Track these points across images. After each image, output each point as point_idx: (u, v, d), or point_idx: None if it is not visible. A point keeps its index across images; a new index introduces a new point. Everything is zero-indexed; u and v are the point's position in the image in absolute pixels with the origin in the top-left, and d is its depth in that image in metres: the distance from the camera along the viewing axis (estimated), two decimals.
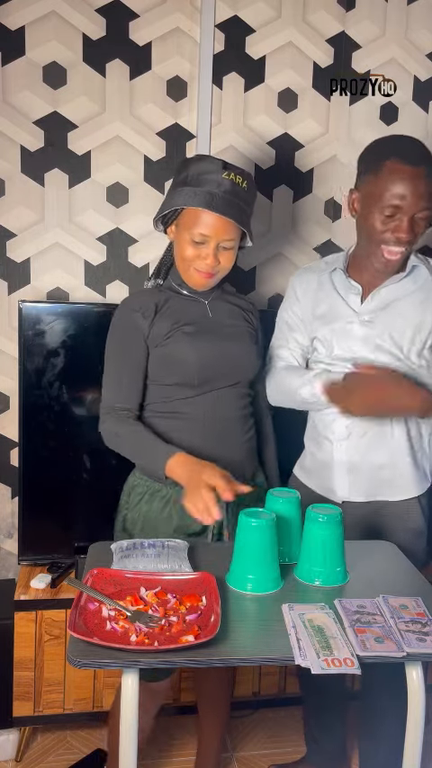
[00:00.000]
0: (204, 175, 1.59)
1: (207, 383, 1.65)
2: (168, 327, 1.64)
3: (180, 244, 1.64)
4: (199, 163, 1.63)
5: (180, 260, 1.66)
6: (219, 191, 1.58)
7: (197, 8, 2.15)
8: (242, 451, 1.71)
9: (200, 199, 1.57)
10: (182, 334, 1.64)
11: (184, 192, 1.60)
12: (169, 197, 1.65)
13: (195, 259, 1.62)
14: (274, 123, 2.27)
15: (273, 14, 2.21)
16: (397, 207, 1.56)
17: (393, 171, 1.55)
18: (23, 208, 2.14)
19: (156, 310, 1.65)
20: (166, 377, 1.65)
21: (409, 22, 2.31)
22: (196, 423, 1.66)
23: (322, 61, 2.27)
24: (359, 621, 1.24)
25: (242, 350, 1.71)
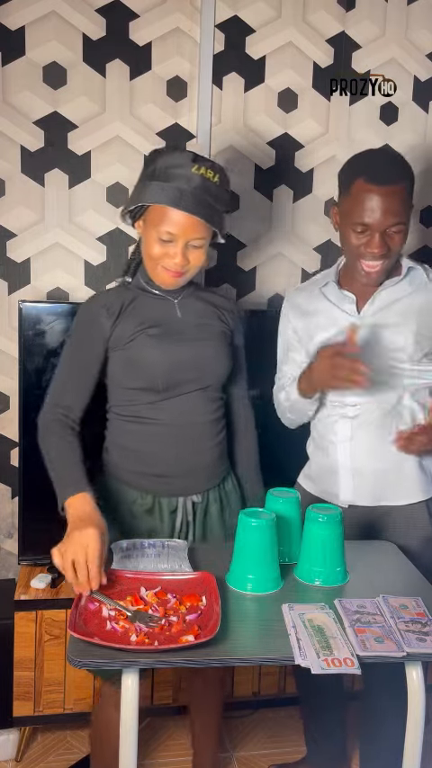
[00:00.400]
0: (173, 169, 1.51)
1: (173, 388, 1.58)
2: (132, 329, 1.57)
3: (147, 241, 1.56)
4: (168, 155, 1.55)
5: (147, 258, 1.58)
6: (188, 187, 1.50)
7: (197, 8, 2.15)
8: (211, 456, 1.65)
9: (168, 195, 1.50)
10: (146, 336, 1.57)
11: (152, 187, 1.52)
12: (137, 191, 1.57)
13: (163, 257, 1.55)
14: (274, 123, 2.27)
15: (273, 14, 2.21)
16: (366, 224, 1.59)
17: (361, 190, 1.59)
18: (23, 208, 2.14)
19: (120, 310, 1.59)
20: (129, 381, 1.59)
21: (409, 22, 2.31)
22: (162, 428, 1.59)
23: (322, 61, 2.27)
24: (359, 621, 1.24)
25: (212, 352, 1.64)
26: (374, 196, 1.57)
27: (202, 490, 1.65)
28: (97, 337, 1.58)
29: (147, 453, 1.60)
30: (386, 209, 1.58)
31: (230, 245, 2.30)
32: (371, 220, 1.59)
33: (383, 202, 1.57)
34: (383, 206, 1.57)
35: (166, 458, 1.60)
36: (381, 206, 1.57)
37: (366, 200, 1.58)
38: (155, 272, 1.59)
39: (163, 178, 1.51)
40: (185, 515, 1.63)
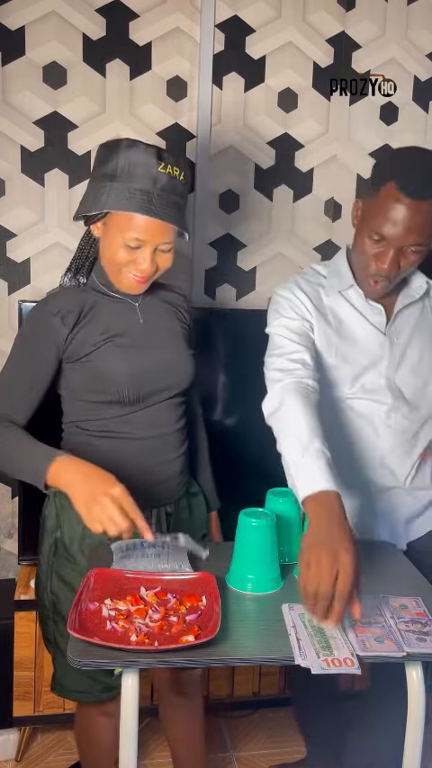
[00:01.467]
0: (137, 169, 1.38)
1: (142, 399, 1.49)
2: (95, 338, 1.44)
3: (110, 246, 1.43)
4: (129, 152, 1.39)
5: (110, 263, 1.46)
6: (155, 189, 1.38)
7: (197, 8, 2.15)
8: (178, 466, 1.59)
9: (136, 202, 1.37)
10: (113, 347, 1.46)
11: (114, 189, 1.38)
12: (95, 191, 1.42)
13: (129, 264, 1.43)
14: (274, 123, 2.27)
15: (273, 14, 2.21)
16: (384, 236, 1.43)
17: (390, 197, 1.40)
18: (23, 208, 2.14)
19: (79, 317, 1.46)
20: (93, 394, 1.48)
21: (409, 22, 2.31)
22: (133, 441, 1.51)
23: (322, 61, 2.27)
24: (359, 622, 1.23)
25: (179, 358, 1.56)
26: (402, 208, 1.38)
27: (173, 500, 1.60)
28: (50, 347, 1.45)
29: (118, 468, 1.43)
30: (411, 226, 1.39)
31: (230, 245, 2.31)
32: (390, 234, 1.41)
33: (409, 218, 1.39)
34: (409, 222, 1.39)
35: (138, 471, 1.51)
36: (406, 221, 1.39)
37: (392, 209, 1.39)
38: (118, 277, 1.47)
39: (126, 179, 1.38)
40: (159, 527, 1.58)
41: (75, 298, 1.49)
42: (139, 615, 1.22)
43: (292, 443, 1.36)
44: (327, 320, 1.57)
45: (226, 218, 2.29)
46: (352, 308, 1.58)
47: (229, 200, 2.28)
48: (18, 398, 1.46)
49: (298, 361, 1.49)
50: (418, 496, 1.64)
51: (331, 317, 1.58)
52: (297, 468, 1.32)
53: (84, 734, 1.67)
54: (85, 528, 1.45)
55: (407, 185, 1.37)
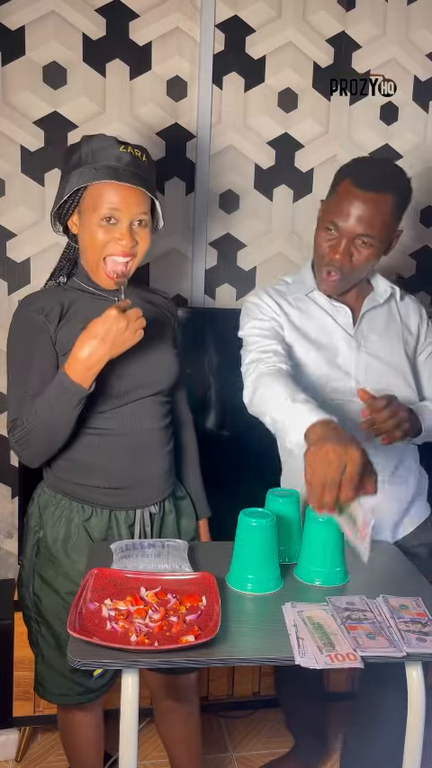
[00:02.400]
0: (100, 152, 1.45)
1: (126, 395, 1.50)
2: (76, 334, 1.42)
3: (88, 231, 1.45)
4: (90, 141, 1.48)
5: (91, 250, 1.47)
6: (120, 164, 1.44)
7: (197, 8, 2.15)
8: (165, 463, 1.59)
9: (103, 173, 1.42)
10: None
11: (80, 172, 1.44)
12: (62, 185, 1.49)
13: (108, 244, 1.44)
14: (274, 123, 2.27)
15: (273, 14, 2.21)
16: (336, 225, 1.52)
17: (344, 191, 1.53)
18: (23, 208, 2.14)
19: (61, 313, 1.47)
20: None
21: (409, 22, 2.31)
22: (115, 438, 1.51)
23: (322, 61, 2.27)
24: (350, 618, 1.24)
25: (163, 355, 1.57)
26: (353, 199, 1.50)
27: (158, 500, 1.59)
28: (46, 342, 1.46)
29: (101, 465, 1.51)
30: (361, 215, 1.50)
31: (230, 245, 2.31)
32: (342, 223, 1.51)
33: (360, 208, 1.50)
34: (359, 212, 1.50)
35: (121, 469, 1.52)
36: (356, 211, 1.50)
37: (345, 200, 1.51)
38: (99, 266, 1.48)
39: (91, 161, 1.44)
40: (143, 528, 1.57)
41: (54, 296, 1.51)
42: (139, 615, 1.22)
43: (275, 403, 1.40)
44: (294, 324, 1.63)
45: (226, 218, 2.29)
46: (318, 308, 1.65)
47: (229, 200, 2.28)
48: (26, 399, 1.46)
49: (269, 351, 1.54)
50: (401, 493, 1.68)
51: (298, 320, 1.64)
52: (288, 414, 1.35)
53: (67, 735, 1.68)
54: (69, 528, 1.50)
55: (359, 180, 1.51)
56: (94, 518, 1.53)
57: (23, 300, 1.53)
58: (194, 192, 2.22)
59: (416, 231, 2.45)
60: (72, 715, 1.63)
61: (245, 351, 1.62)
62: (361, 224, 1.50)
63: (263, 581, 1.35)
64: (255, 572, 1.34)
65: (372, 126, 2.33)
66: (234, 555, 1.37)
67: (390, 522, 1.68)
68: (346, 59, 2.28)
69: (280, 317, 1.64)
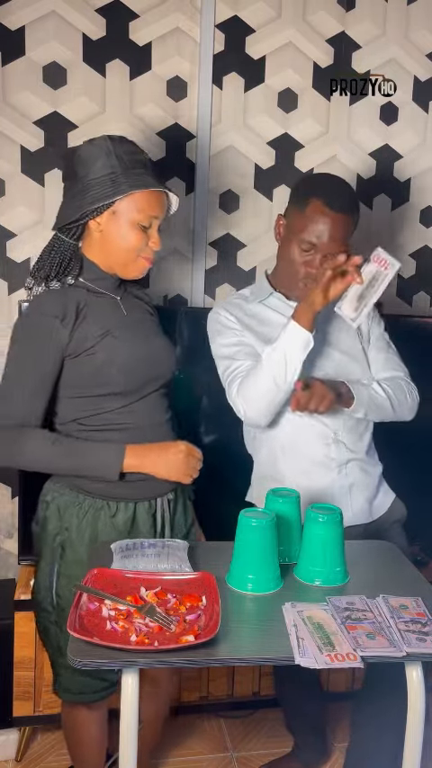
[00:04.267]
0: (130, 156, 1.52)
1: (139, 389, 1.55)
2: (96, 334, 1.49)
3: (121, 233, 1.51)
4: (118, 144, 1.52)
5: (124, 251, 1.53)
6: (148, 170, 1.54)
7: (197, 8, 2.15)
8: None
9: (149, 181, 1.51)
10: (112, 339, 1.51)
11: (122, 176, 1.49)
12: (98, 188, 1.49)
13: (143, 246, 1.53)
14: (274, 123, 2.27)
15: (273, 14, 2.21)
16: (313, 244, 1.66)
17: (317, 211, 1.64)
18: (23, 208, 2.14)
19: (76, 316, 1.50)
20: (95, 387, 1.51)
21: (409, 22, 2.31)
22: (132, 432, 1.54)
23: (322, 61, 2.27)
24: (350, 618, 1.24)
25: (164, 347, 1.64)
26: (328, 220, 1.64)
27: (173, 486, 1.63)
28: (55, 348, 1.48)
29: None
30: (335, 235, 1.65)
31: (230, 245, 2.31)
32: (319, 242, 1.65)
33: (334, 228, 1.64)
34: (333, 232, 1.64)
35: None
36: (331, 231, 1.64)
37: (320, 221, 1.64)
38: (134, 264, 1.55)
39: (134, 166, 1.51)
40: (163, 514, 1.62)
41: (66, 298, 1.51)
42: (139, 615, 1.22)
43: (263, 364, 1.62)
44: (253, 329, 1.75)
45: (226, 218, 2.29)
46: (273, 312, 1.77)
47: (229, 200, 2.28)
48: (30, 403, 1.49)
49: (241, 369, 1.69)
50: (374, 473, 1.82)
51: (257, 327, 1.75)
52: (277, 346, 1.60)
53: (72, 733, 1.67)
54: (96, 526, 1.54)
55: (330, 202, 1.64)
56: (120, 513, 1.56)
57: (34, 303, 1.52)
58: (194, 192, 2.23)
59: (416, 231, 2.46)
60: (78, 712, 1.63)
61: (220, 371, 1.74)
62: (336, 242, 1.65)
63: (263, 581, 1.35)
64: (255, 572, 1.34)
65: (372, 126, 2.34)
66: (234, 555, 1.37)
67: (368, 500, 1.79)
68: (346, 59, 2.29)
69: (240, 329, 1.76)
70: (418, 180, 2.43)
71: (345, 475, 1.75)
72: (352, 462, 1.75)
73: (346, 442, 1.74)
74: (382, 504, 1.83)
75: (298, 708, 2.04)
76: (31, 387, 1.49)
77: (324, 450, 1.73)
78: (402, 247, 2.45)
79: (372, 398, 1.70)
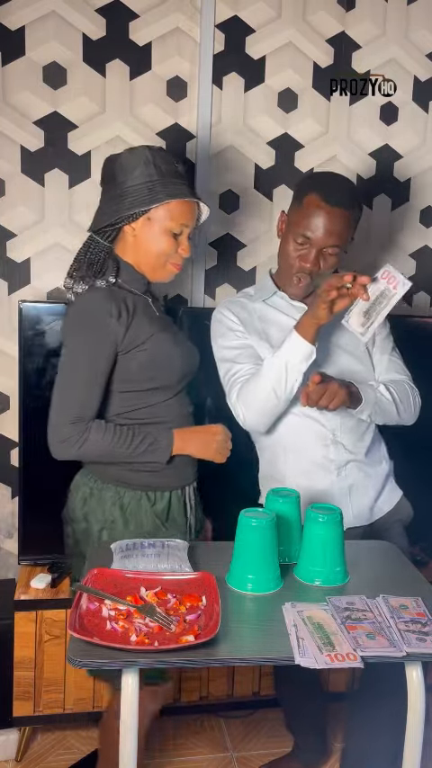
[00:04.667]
0: (172, 166, 1.61)
1: (177, 384, 1.65)
2: (146, 330, 1.58)
3: (154, 238, 1.60)
4: (156, 153, 1.61)
5: (154, 256, 1.62)
6: (184, 181, 1.63)
7: (197, 8, 2.15)
8: None
9: (186, 190, 1.60)
10: (159, 336, 1.60)
11: (161, 185, 1.57)
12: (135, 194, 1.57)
13: (171, 252, 1.61)
14: (275, 123, 2.27)
15: (273, 14, 2.21)
16: (308, 238, 1.66)
17: (312, 205, 1.65)
18: (23, 208, 2.14)
19: (128, 314, 1.57)
20: (142, 382, 1.60)
21: (409, 22, 2.31)
22: (170, 425, 1.63)
23: (322, 61, 2.27)
24: (350, 618, 1.24)
25: (191, 345, 1.73)
26: (323, 213, 1.64)
27: (196, 476, 1.73)
28: (110, 344, 1.55)
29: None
30: (330, 229, 1.64)
31: (230, 245, 2.31)
32: (313, 235, 1.65)
33: (329, 222, 1.64)
34: (328, 225, 1.64)
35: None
36: (326, 224, 1.64)
37: (315, 215, 1.64)
38: (162, 269, 1.64)
39: (171, 175, 1.59)
40: (190, 501, 1.71)
41: (116, 297, 1.58)
42: (139, 615, 1.22)
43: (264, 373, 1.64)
44: (255, 329, 1.76)
45: (226, 218, 2.29)
46: (277, 311, 1.77)
47: (229, 200, 2.28)
48: (89, 400, 1.56)
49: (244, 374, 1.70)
50: (376, 474, 1.80)
51: (259, 326, 1.76)
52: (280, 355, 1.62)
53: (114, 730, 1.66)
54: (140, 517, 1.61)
55: (327, 196, 1.64)
56: (158, 502, 1.64)
57: (88, 301, 1.57)
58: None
59: (416, 231, 2.46)
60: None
61: (221, 374, 1.76)
62: (331, 237, 1.65)
63: (263, 581, 1.35)
64: (255, 572, 1.34)
65: (372, 126, 2.33)
66: (234, 555, 1.37)
67: (368, 502, 1.78)
68: (346, 59, 2.29)
69: (243, 331, 1.76)
70: (418, 180, 2.43)
71: (344, 477, 1.75)
72: (351, 464, 1.75)
73: (345, 443, 1.74)
74: (385, 504, 1.82)
75: (298, 708, 2.04)
76: (88, 381, 1.55)
77: (323, 452, 1.74)
78: (402, 247, 2.45)
79: (378, 401, 1.69)
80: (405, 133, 2.37)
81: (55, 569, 2.11)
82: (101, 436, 1.54)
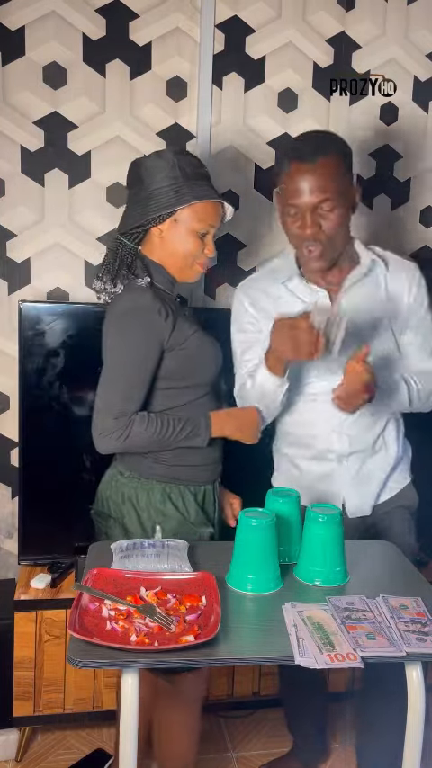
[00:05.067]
0: (199, 169, 1.64)
1: (212, 381, 1.68)
2: (188, 328, 1.61)
3: (181, 239, 1.62)
4: (187, 157, 1.65)
5: (181, 256, 1.63)
6: (209, 183, 1.64)
7: (197, 8, 2.15)
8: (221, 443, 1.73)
9: (211, 192, 1.62)
10: (199, 335, 1.63)
11: (187, 187, 1.60)
12: (160, 197, 1.60)
13: (199, 252, 1.63)
14: (274, 123, 2.27)
15: (273, 14, 2.21)
16: (296, 205, 1.56)
17: (287, 170, 1.56)
18: (23, 208, 2.14)
19: (171, 312, 1.59)
20: (183, 380, 1.63)
21: (409, 22, 2.31)
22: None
23: (322, 61, 2.27)
24: (350, 618, 1.24)
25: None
26: (298, 174, 1.53)
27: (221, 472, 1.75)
28: (157, 342, 1.57)
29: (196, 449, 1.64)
30: (311, 185, 1.53)
31: (230, 245, 2.30)
32: (298, 200, 1.55)
33: (308, 179, 1.53)
34: (308, 183, 1.53)
35: (209, 449, 1.66)
36: (305, 183, 1.53)
37: (293, 178, 1.54)
38: (190, 269, 1.65)
39: (196, 177, 1.62)
40: (216, 496, 1.73)
41: (157, 296, 1.60)
42: (139, 615, 1.22)
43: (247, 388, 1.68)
44: (270, 315, 1.64)
45: None
46: (293, 296, 1.69)
47: (229, 200, 2.26)
48: (133, 396, 1.57)
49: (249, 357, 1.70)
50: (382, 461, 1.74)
51: (273, 310, 1.65)
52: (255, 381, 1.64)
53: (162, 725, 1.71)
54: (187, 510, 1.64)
55: (300, 154, 1.54)
56: (199, 495, 1.67)
57: (133, 301, 1.58)
58: None
59: (416, 231, 2.46)
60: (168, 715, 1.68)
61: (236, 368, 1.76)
62: (315, 193, 1.53)
63: (263, 581, 1.35)
64: (255, 572, 1.34)
65: (372, 126, 2.33)
66: (234, 555, 1.37)
67: (372, 490, 1.74)
68: (346, 59, 2.29)
69: (257, 321, 1.71)
70: (418, 180, 2.43)
71: (346, 468, 1.71)
72: (355, 455, 1.71)
73: (350, 434, 1.70)
74: (387, 492, 1.76)
75: (300, 707, 2.03)
76: (134, 378, 1.57)
77: (326, 442, 1.71)
78: (402, 247, 2.44)
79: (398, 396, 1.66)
80: (405, 133, 2.37)
81: (55, 569, 2.11)
82: (143, 428, 1.55)
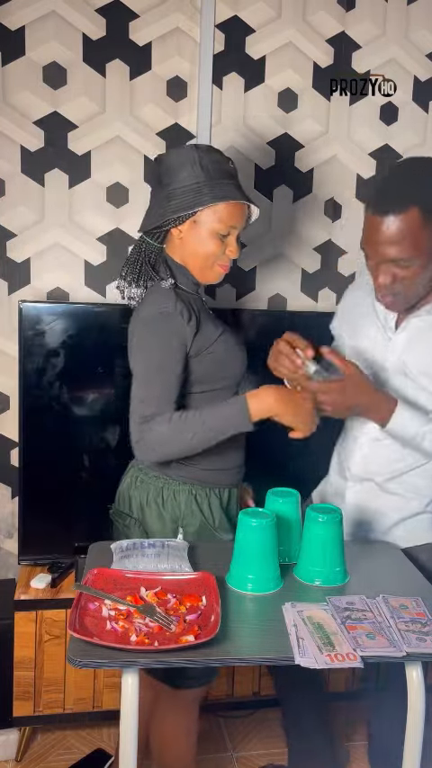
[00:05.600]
0: (222, 165, 1.58)
1: (240, 381, 1.66)
2: (213, 330, 1.58)
3: (201, 241, 1.57)
4: (207, 153, 1.58)
5: (201, 258, 1.59)
6: (234, 181, 1.59)
7: (197, 8, 2.15)
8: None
9: (235, 192, 1.56)
10: (225, 337, 1.60)
11: (209, 186, 1.54)
12: (183, 195, 1.55)
13: (219, 253, 1.59)
14: (274, 123, 2.27)
15: (273, 14, 2.21)
16: (367, 254, 1.51)
17: (367, 221, 1.48)
18: (23, 208, 2.14)
19: (196, 315, 1.56)
20: (211, 383, 1.60)
21: (409, 22, 2.31)
22: None
23: (322, 61, 2.27)
24: (350, 618, 1.24)
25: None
26: (371, 226, 1.46)
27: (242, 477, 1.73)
28: (183, 346, 1.54)
29: (228, 448, 1.59)
30: (381, 240, 1.45)
31: None
32: (370, 251, 1.49)
33: (379, 234, 1.45)
34: (379, 237, 1.45)
35: (234, 453, 1.65)
36: (376, 237, 1.45)
37: (367, 229, 1.48)
38: (211, 270, 1.61)
39: (219, 176, 1.56)
40: (238, 499, 1.72)
41: (180, 298, 1.56)
42: (139, 615, 1.22)
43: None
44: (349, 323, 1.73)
45: None
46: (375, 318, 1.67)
47: None
48: (166, 400, 1.51)
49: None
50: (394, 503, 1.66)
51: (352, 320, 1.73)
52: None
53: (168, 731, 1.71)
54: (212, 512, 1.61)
55: (376, 206, 1.46)
56: (224, 498, 1.65)
57: (157, 304, 1.55)
58: None
59: None
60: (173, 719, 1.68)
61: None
62: (390, 250, 1.45)
63: (263, 581, 1.35)
64: (255, 572, 1.34)
65: (372, 126, 2.33)
66: (234, 555, 1.37)
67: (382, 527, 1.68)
68: (346, 59, 2.28)
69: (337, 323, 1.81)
70: None
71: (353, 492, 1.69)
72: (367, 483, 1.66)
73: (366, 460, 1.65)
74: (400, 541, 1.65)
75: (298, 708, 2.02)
76: (166, 383, 1.52)
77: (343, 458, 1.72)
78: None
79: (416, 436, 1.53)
80: (405, 133, 2.37)
81: (55, 569, 2.11)
82: (165, 427, 1.47)
